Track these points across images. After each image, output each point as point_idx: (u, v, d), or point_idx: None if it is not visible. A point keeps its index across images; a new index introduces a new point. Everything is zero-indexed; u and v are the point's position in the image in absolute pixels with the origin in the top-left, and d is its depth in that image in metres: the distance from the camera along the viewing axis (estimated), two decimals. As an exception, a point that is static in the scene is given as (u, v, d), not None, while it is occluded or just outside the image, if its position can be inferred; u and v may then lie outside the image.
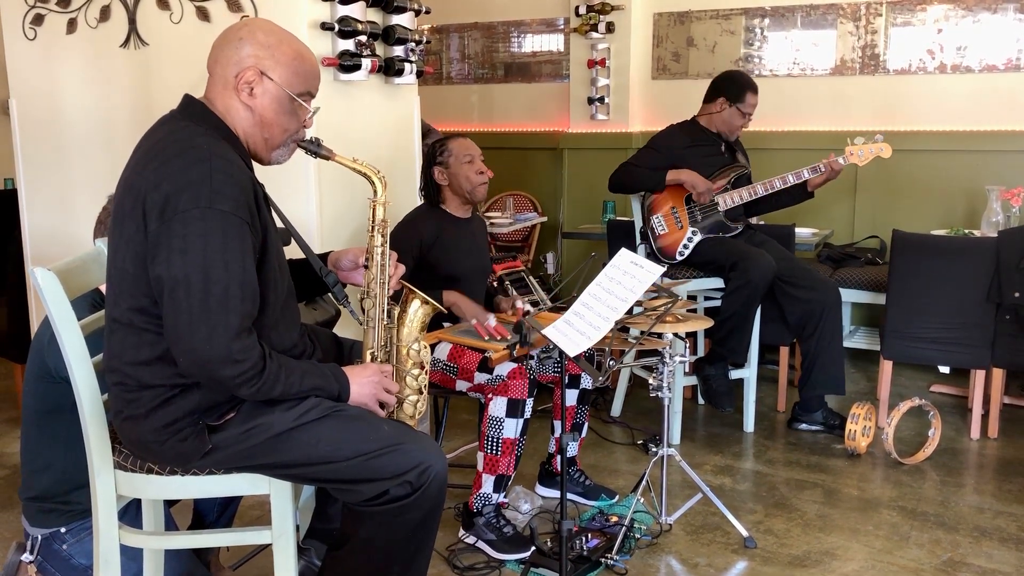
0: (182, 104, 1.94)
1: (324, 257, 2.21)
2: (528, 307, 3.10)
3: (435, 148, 3.17)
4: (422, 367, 2.12)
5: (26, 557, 2.33)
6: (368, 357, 2.07)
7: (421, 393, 2.12)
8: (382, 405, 2.01)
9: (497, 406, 2.76)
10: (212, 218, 1.73)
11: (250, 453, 1.87)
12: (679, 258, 3.81)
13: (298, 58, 1.92)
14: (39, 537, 2.31)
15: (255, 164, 2.00)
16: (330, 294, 2.19)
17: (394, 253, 2.13)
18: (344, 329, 2.90)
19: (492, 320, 2.96)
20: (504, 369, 2.76)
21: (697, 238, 3.79)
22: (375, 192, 2.09)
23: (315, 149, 2.02)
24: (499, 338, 2.87)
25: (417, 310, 2.12)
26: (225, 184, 1.75)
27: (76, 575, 2.31)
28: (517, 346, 2.68)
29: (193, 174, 1.74)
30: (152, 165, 1.78)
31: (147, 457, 1.91)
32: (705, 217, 3.80)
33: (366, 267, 2.10)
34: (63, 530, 2.29)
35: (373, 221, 2.09)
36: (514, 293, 3.36)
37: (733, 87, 3.84)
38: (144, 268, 1.78)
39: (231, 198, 1.75)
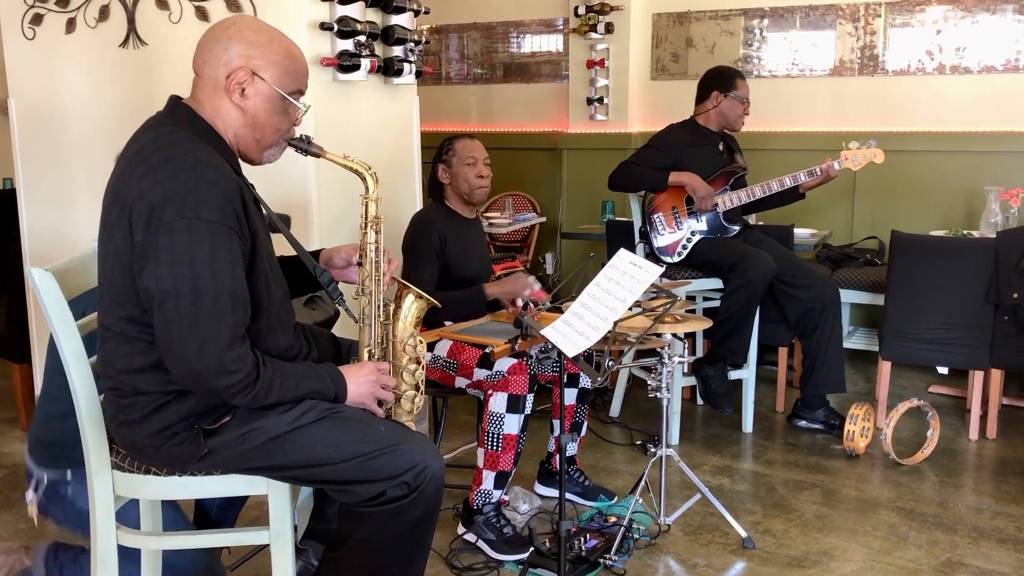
0: (168, 106, 1.91)
1: (316, 255, 2.19)
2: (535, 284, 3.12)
3: (442, 146, 3.20)
4: (418, 362, 2.11)
5: (30, 496, 2.36)
6: (365, 355, 2.07)
7: (418, 389, 2.12)
8: (380, 403, 2.01)
9: (497, 402, 2.76)
10: (199, 228, 1.71)
11: (247, 456, 1.86)
12: (678, 258, 3.82)
13: (288, 56, 1.90)
14: (45, 479, 2.34)
15: (248, 164, 1.98)
16: (324, 292, 2.19)
17: (387, 248, 2.12)
18: (343, 329, 2.90)
19: (538, 285, 2.99)
20: (504, 365, 2.76)
21: (696, 238, 3.80)
22: (367, 188, 2.08)
23: (305, 147, 2.00)
24: (544, 300, 2.91)
25: (411, 305, 2.11)
26: (211, 193, 1.73)
27: (78, 518, 2.33)
28: (519, 340, 2.68)
29: (178, 183, 1.72)
30: (136, 173, 1.76)
31: (144, 461, 1.91)
32: (705, 217, 3.81)
33: (360, 264, 2.09)
34: (69, 475, 2.30)
35: (366, 218, 2.07)
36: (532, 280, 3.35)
37: (722, 78, 3.87)
38: (132, 278, 1.76)
39: (217, 207, 1.73)
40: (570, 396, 3.09)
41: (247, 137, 1.91)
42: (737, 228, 3.84)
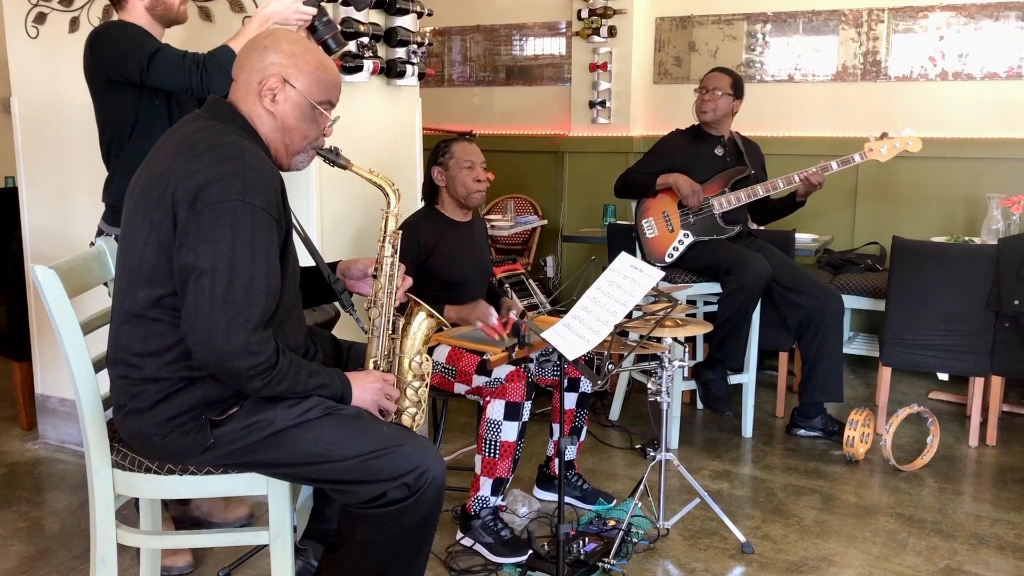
0: (208, 104, 1.97)
1: (333, 266, 2.24)
2: (515, 316, 3.09)
3: (438, 148, 3.19)
4: (423, 379, 2.13)
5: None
6: (371, 366, 2.09)
7: (420, 405, 2.13)
8: (382, 413, 2.02)
9: (495, 409, 2.76)
10: (243, 211, 1.76)
11: (250, 449, 1.88)
12: (668, 260, 3.82)
13: (320, 67, 1.96)
14: (104, 231, 2.75)
15: (278, 170, 2.02)
16: (337, 302, 2.22)
17: (402, 265, 2.14)
18: (342, 331, 2.90)
19: (494, 318, 2.96)
20: (502, 372, 2.76)
21: (688, 240, 3.80)
22: (388, 204, 2.11)
23: (333, 158, 2.06)
24: (505, 336, 2.88)
25: (421, 323, 2.13)
26: (257, 180, 1.79)
27: None
28: (516, 348, 2.68)
29: (227, 167, 1.78)
30: (183, 158, 1.81)
31: (147, 451, 1.92)
32: (698, 219, 3.81)
33: (375, 277, 2.12)
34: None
35: (384, 232, 2.11)
36: (514, 298, 3.36)
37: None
38: (167, 258, 1.80)
39: (262, 194, 1.79)
40: (570, 400, 3.08)
41: (277, 142, 1.97)
42: (735, 230, 3.84)
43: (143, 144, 2.62)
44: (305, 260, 2.17)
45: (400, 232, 2.12)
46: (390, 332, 2.10)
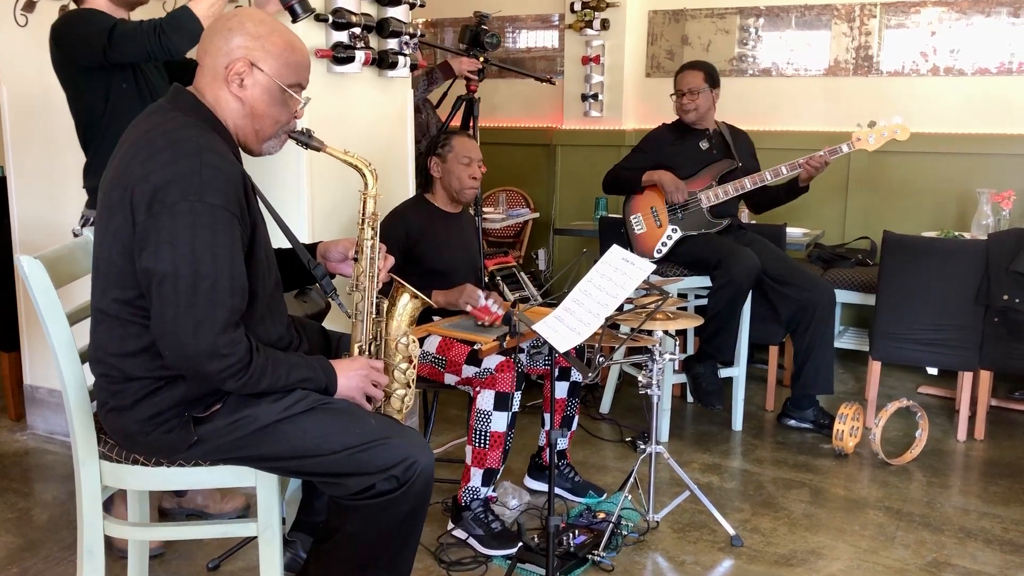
0: (171, 93, 1.92)
1: (313, 248, 2.20)
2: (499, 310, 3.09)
3: (438, 138, 3.18)
4: (410, 361, 2.11)
5: (76, 229, 2.77)
6: (356, 351, 2.07)
7: (409, 387, 2.12)
8: (370, 399, 2.01)
9: (485, 399, 2.76)
10: (201, 212, 1.71)
11: (236, 445, 1.86)
12: (656, 256, 3.82)
13: (288, 48, 1.90)
14: (90, 217, 2.74)
15: (248, 155, 1.99)
16: (317, 285, 2.19)
17: (383, 246, 2.12)
18: (333, 322, 2.89)
19: (482, 299, 2.95)
20: (492, 362, 2.76)
21: (677, 235, 3.80)
22: (366, 185, 2.08)
23: (306, 140, 2.01)
24: (497, 320, 2.88)
25: (406, 304, 2.11)
26: (215, 178, 1.74)
27: None
28: (507, 338, 2.68)
29: (183, 167, 1.73)
30: (140, 157, 1.77)
31: (132, 448, 1.91)
32: (686, 215, 3.81)
33: (356, 260, 2.09)
34: None
35: (363, 214, 2.08)
36: (506, 291, 3.36)
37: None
38: (131, 260, 1.77)
39: (221, 192, 1.74)
40: (561, 390, 3.08)
41: (246, 127, 1.92)
42: (724, 224, 3.84)
43: (116, 128, 2.59)
44: (283, 243, 2.14)
45: (376, 215, 2.09)
46: (374, 315, 2.07)
